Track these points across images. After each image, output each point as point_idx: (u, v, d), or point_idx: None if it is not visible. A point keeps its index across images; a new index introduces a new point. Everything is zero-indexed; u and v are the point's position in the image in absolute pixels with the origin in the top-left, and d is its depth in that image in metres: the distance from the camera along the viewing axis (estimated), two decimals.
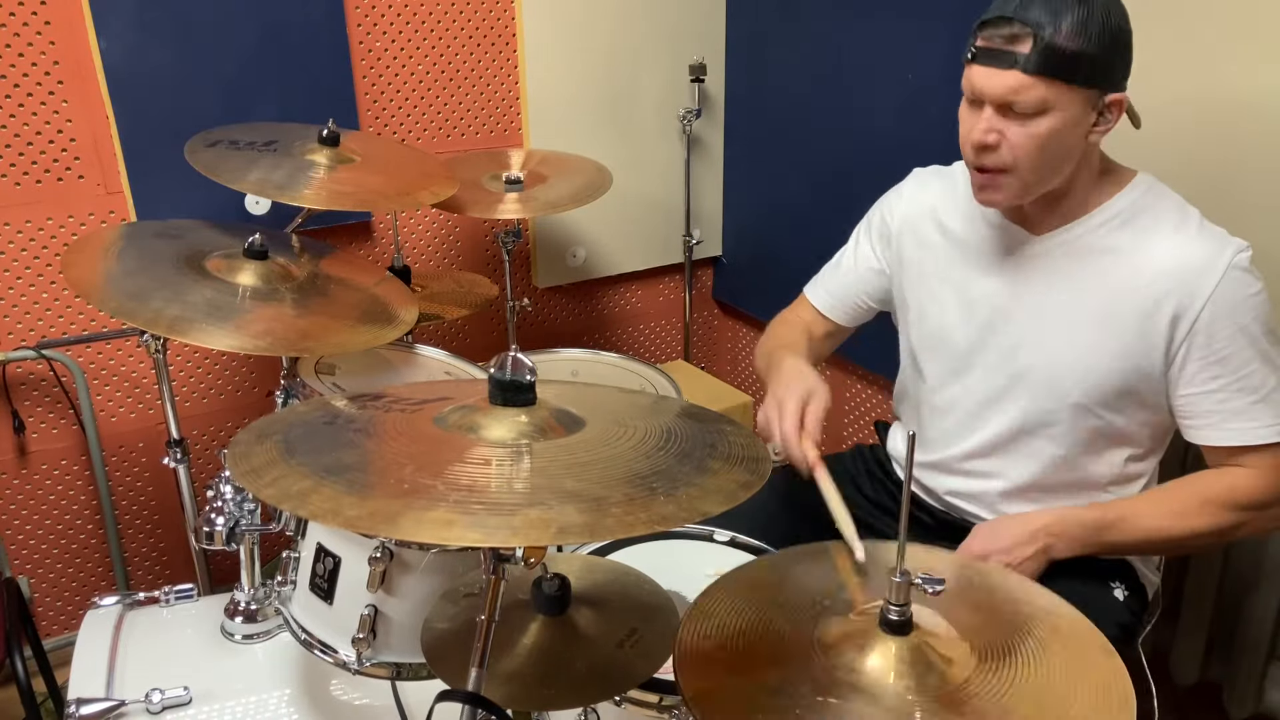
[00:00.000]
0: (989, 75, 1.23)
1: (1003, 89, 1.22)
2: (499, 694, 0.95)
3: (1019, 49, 1.20)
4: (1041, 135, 1.23)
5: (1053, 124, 1.22)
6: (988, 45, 1.23)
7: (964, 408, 1.45)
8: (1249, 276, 1.25)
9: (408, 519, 0.78)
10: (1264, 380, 1.27)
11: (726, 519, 1.12)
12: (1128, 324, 1.29)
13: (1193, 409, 1.30)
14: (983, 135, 1.25)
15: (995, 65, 1.22)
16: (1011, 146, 1.25)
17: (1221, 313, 1.25)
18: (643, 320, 2.78)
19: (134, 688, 1.30)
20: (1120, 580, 1.42)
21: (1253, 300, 1.25)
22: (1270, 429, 1.27)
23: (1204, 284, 1.24)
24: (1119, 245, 1.31)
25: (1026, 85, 1.20)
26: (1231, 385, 1.27)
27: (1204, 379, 1.28)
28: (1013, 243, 1.39)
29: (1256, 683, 1.71)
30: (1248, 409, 1.27)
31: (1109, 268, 1.31)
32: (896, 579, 0.87)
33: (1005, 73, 1.21)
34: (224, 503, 1.38)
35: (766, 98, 2.51)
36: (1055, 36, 1.18)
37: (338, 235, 2.22)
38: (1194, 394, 1.29)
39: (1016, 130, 1.24)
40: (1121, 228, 1.31)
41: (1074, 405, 1.34)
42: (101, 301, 1.39)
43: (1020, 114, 1.23)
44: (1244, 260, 1.25)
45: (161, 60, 1.94)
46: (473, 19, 2.26)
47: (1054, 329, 1.35)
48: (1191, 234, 1.28)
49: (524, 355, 0.96)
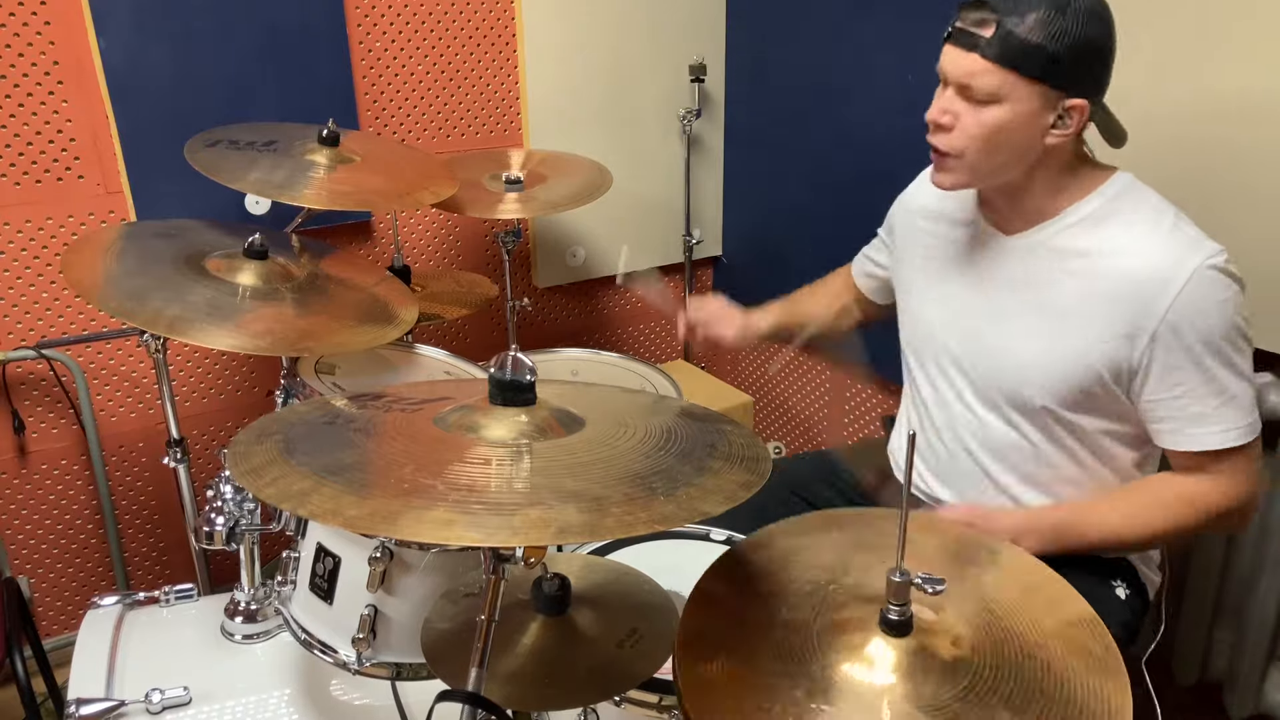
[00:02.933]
0: (953, 56, 1.26)
1: (961, 71, 1.25)
2: (499, 694, 0.95)
3: (982, 32, 1.22)
4: (989, 124, 1.25)
5: (1003, 115, 1.24)
6: (959, 26, 1.25)
7: (944, 406, 1.46)
8: (1220, 280, 1.23)
9: (408, 519, 0.78)
10: (1225, 386, 1.25)
11: (726, 518, 1.12)
12: (1092, 326, 1.28)
13: (1155, 413, 1.30)
14: (938, 115, 1.29)
15: (960, 46, 1.25)
16: (963, 130, 1.27)
17: (1185, 318, 1.23)
18: (643, 320, 2.78)
19: (134, 688, 1.30)
20: (1122, 579, 1.42)
21: (1220, 305, 1.23)
22: (1229, 433, 1.27)
23: (1169, 288, 1.22)
24: (1088, 247, 1.30)
25: (982, 70, 1.23)
26: (1194, 391, 1.26)
27: (1167, 384, 1.27)
28: (985, 243, 1.40)
29: (1256, 683, 1.71)
30: (1208, 414, 1.26)
31: (1076, 269, 1.30)
32: (896, 579, 0.87)
33: (966, 55, 1.24)
34: (224, 503, 1.38)
35: (766, 98, 2.51)
36: (1017, 26, 1.20)
37: (338, 235, 2.22)
38: (1158, 399, 1.28)
39: (969, 116, 1.26)
40: (1092, 229, 1.30)
41: (1038, 408, 1.34)
42: (101, 301, 1.39)
43: (976, 100, 1.25)
44: (1215, 264, 1.22)
45: (161, 60, 1.94)
46: (473, 19, 2.26)
47: (1017, 330, 1.35)
48: (1162, 236, 1.26)
49: (524, 355, 0.96)
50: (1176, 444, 1.30)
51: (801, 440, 2.72)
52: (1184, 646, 1.78)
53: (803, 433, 2.71)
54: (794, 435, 2.75)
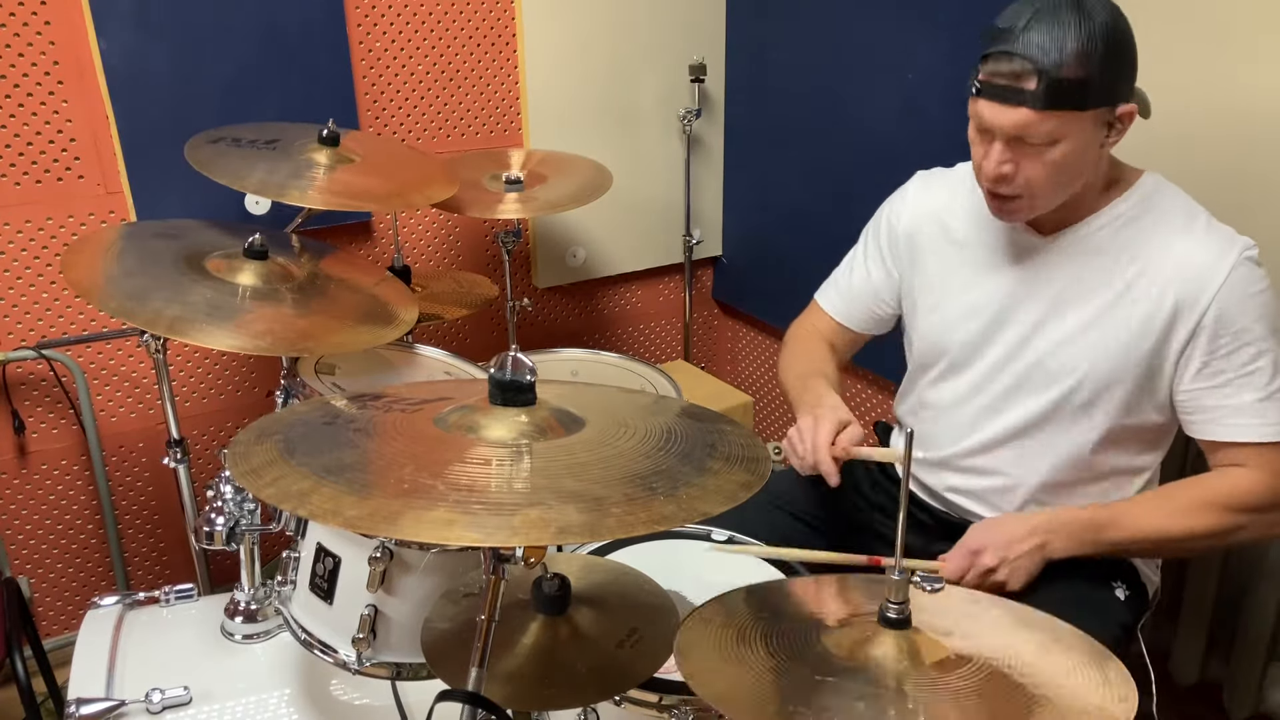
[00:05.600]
0: (996, 111, 1.21)
1: (1010, 125, 1.21)
2: (499, 694, 0.95)
3: (1025, 85, 1.18)
4: (1055, 162, 1.23)
5: (1066, 150, 1.22)
6: (991, 81, 1.21)
7: (970, 406, 1.45)
8: (1255, 274, 1.26)
9: (408, 519, 0.78)
10: (1270, 379, 1.27)
11: (725, 518, 1.12)
12: (1133, 323, 1.30)
13: (1195, 404, 1.30)
14: (996, 168, 1.25)
15: (1001, 102, 1.20)
16: (1027, 176, 1.25)
17: (1227, 310, 1.25)
18: (643, 320, 2.78)
19: (134, 688, 1.30)
20: (1122, 580, 1.42)
21: (1259, 297, 1.26)
22: (1272, 427, 1.27)
23: (1210, 282, 1.25)
24: (1125, 244, 1.31)
25: (1035, 120, 1.19)
26: (1235, 381, 1.27)
27: (1208, 374, 1.28)
28: (1019, 243, 1.39)
29: (1256, 683, 1.71)
30: (1250, 406, 1.27)
31: (1114, 266, 1.31)
32: (895, 576, 0.87)
33: (1013, 110, 1.20)
34: (224, 503, 1.38)
35: (766, 98, 2.51)
36: (1060, 70, 1.16)
37: (338, 235, 2.22)
38: (1198, 389, 1.29)
39: (1030, 161, 1.23)
40: (1127, 226, 1.31)
41: (1078, 404, 1.35)
42: (101, 301, 1.39)
43: (1033, 145, 1.22)
44: (1251, 257, 1.26)
45: (161, 60, 1.94)
46: (473, 19, 2.26)
47: (1059, 328, 1.35)
48: (1198, 232, 1.28)
49: (524, 355, 0.96)
50: (1216, 434, 1.30)
51: None
52: (1184, 646, 1.78)
53: None
54: None
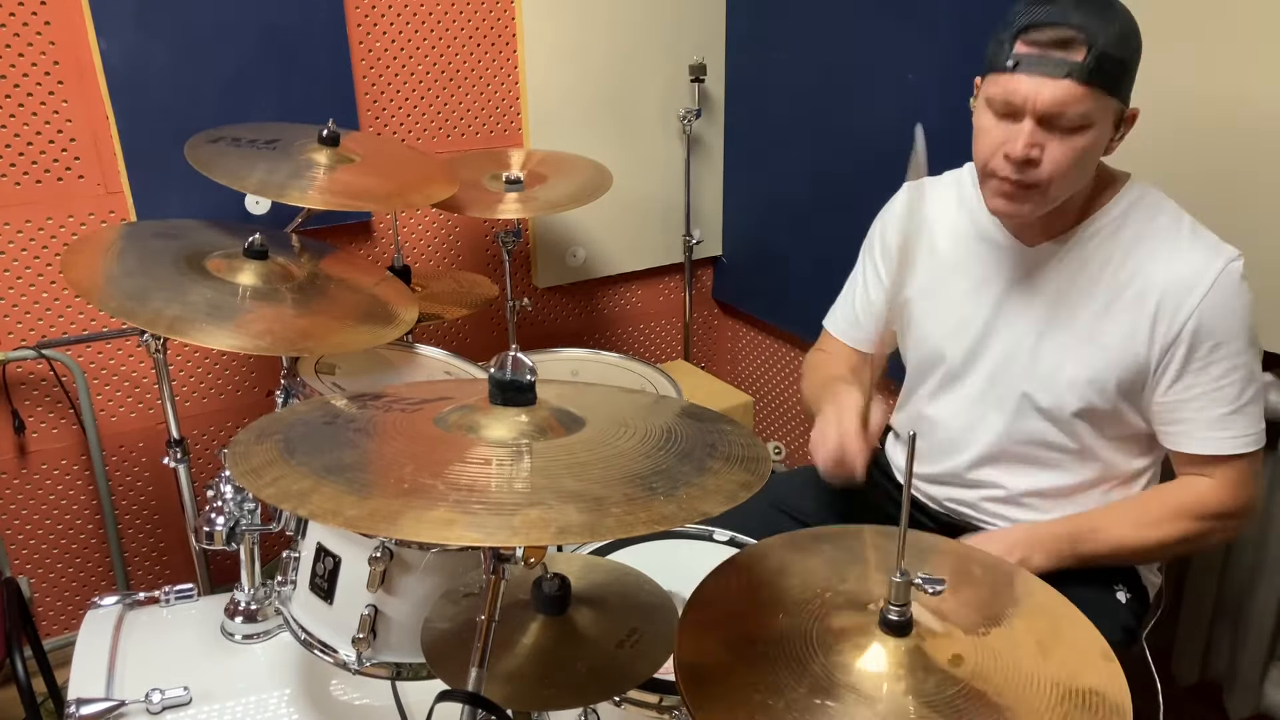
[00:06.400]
0: (1038, 85, 1.15)
1: (1051, 101, 1.15)
2: (499, 694, 0.95)
3: (1072, 56, 1.13)
4: (1079, 150, 1.18)
5: (1090, 139, 1.18)
6: (1033, 52, 1.15)
7: (960, 420, 1.44)
8: (1239, 285, 1.24)
9: (408, 519, 0.78)
10: (1240, 392, 1.26)
11: (725, 518, 1.12)
12: (1119, 332, 1.29)
13: (1168, 415, 1.30)
14: (1026, 150, 1.18)
15: (1045, 74, 1.15)
16: (1051, 161, 1.19)
17: (1206, 322, 1.23)
18: (643, 320, 2.78)
19: (134, 688, 1.30)
20: (1123, 583, 1.42)
21: (1240, 311, 1.24)
22: (1239, 440, 1.27)
23: (1193, 292, 1.23)
24: (1110, 254, 1.30)
25: (1078, 96, 1.14)
26: (1206, 395, 1.26)
27: (1181, 388, 1.27)
28: (1005, 255, 1.38)
29: (1256, 683, 1.71)
30: (1218, 420, 1.27)
31: (1099, 276, 1.30)
32: (896, 579, 0.87)
33: (1057, 82, 1.14)
34: (224, 503, 1.38)
35: (766, 98, 2.51)
36: (1107, 46, 1.12)
37: (338, 235, 2.22)
38: (1170, 401, 1.29)
39: (1056, 145, 1.18)
40: (1112, 236, 1.30)
41: (1069, 415, 1.34)
42: (101, 301, 1.39)
43: (1063, 128, 1.17)
44: (1235, 269, 1.24)
45: (161, 60, 1.94)
46: (473, 19, 2.26)
47: (1046, 340, 1.34)
48: (1183, 242, 1.27)
49: (524, 355, 0.96)
50: (1186, 447, 1.30)
51: (801, 440, 2.72)
52: (1184, 646, 1.78)
53: (803, 433, 2.71)
54: (794, 435, 2.75)
